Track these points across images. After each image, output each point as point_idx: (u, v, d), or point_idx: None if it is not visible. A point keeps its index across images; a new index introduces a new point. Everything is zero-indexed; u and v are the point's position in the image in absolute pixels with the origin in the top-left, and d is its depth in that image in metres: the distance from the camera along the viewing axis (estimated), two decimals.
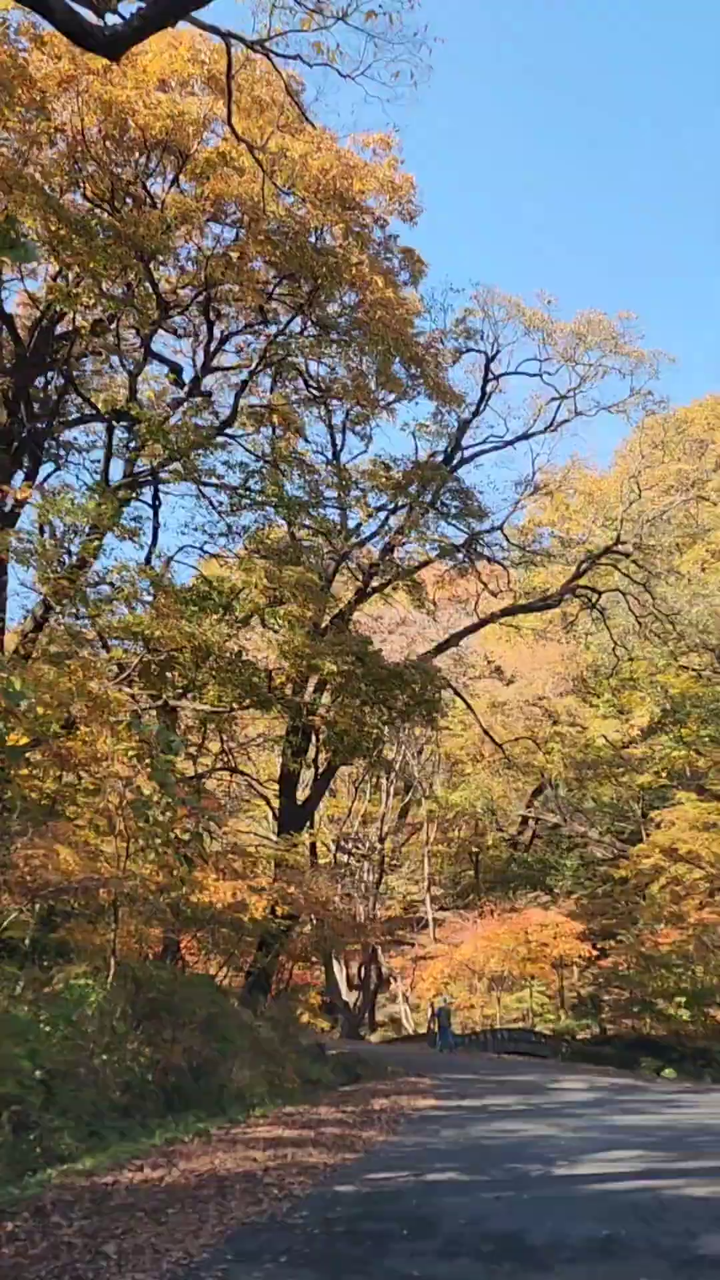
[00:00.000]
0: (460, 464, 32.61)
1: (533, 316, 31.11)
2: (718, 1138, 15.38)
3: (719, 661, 42.38)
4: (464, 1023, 51.70)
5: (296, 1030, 28.19)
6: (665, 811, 48.74)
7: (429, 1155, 13.48)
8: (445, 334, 30.59)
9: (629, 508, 35.43)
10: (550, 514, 44.89)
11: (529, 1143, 14.70)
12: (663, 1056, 42.22)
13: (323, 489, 28.63)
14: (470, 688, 46.78)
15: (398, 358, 26.08)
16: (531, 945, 45.34)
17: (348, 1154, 13.43)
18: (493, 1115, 18.45)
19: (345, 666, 22.61)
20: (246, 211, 21.09)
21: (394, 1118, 17.57)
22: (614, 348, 31.12)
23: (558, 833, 62.08)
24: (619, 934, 48.67)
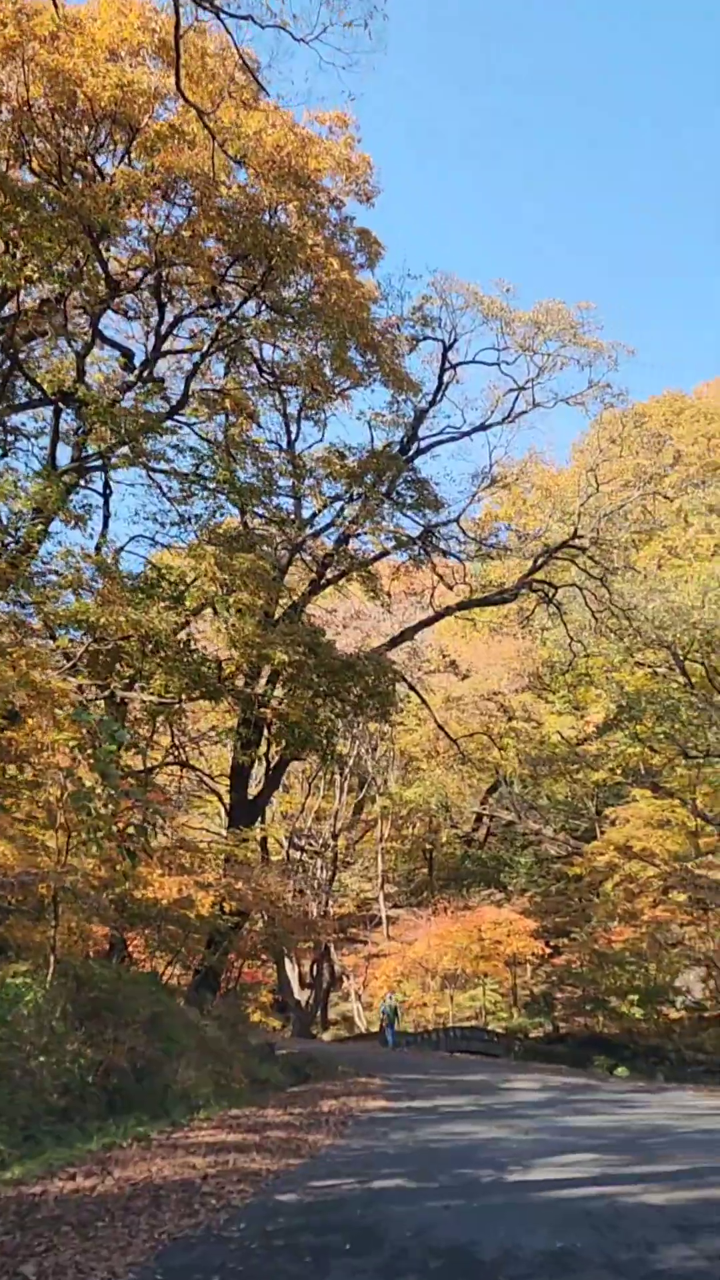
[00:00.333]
0: (416, 454, 32.14)
1: (491, 305, 30.65)
2: (672, 1139, 14.99)
3: (674, 658, 42.15)
4: (417, 1021, 51.37)
5: (245, 1029, 27.64)
6: (620, 809, 48.63)
7: (376, 1160, 12.99)
8: (402, 320, 30.10)
9: (586, 502, 35.09)
10: (507, 508, 44.69)
11: (480, 1146, 14.25)
12: (615, 1055, 42.05)
13: (276, 477, 28.08)
14: (425, 682, 46.35)
15: (353, 343, 25.56)
16: (485, 943, 45.08)
17: (292, 1159, 12.91)
18: (443, 1117, 17.99)
19: (297, 657, 22.05)
20: (198, 186, 20.46)
21: (342, 1120, 17.07)
22: (572, 337, 30.73)
23: (512, 830, 61.89)
24: (572, 932, 48.50)
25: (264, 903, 24.68)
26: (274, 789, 34.11)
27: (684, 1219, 9.32)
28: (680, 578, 40.99)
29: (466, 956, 45.73)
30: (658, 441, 39.57)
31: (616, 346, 31.46)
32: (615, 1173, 11.90)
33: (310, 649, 22.85)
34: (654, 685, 43.85)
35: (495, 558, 36.86)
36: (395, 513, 30.26)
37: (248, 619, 21.70)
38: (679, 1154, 13.36)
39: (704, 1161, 12.84)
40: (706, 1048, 42.70)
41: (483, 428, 33.23)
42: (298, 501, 29.82)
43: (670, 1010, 47.19)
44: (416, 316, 30.46)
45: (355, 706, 25.73)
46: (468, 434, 33.07)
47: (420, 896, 59.36)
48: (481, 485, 33.98)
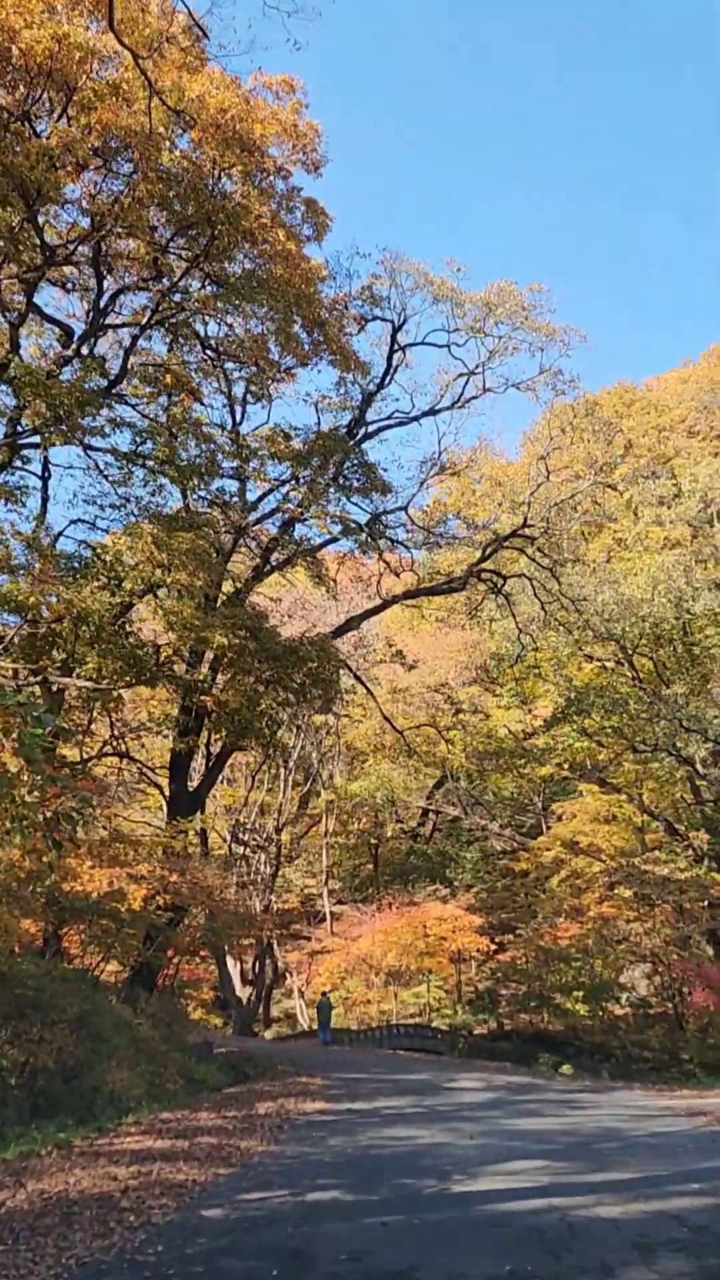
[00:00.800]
0: (364, 438, 31.30)
1: (441, 286, 29.86)
2: (623, 1144, 14.30)
3: (623, 652, 41.75)
4: (360, 1018, 50.65)
5: (182, 1028, 26.71)
6: (567, 804, 48.21)
7: (312, 1169, 12.19)
8: (350, 298, 29.21)
9: (536, 490, 34.47)
10: (456, 499, 44.07)
11: (422, 1152, 13.50)
12: (560, 1052, 41.56)
13: (220, 459, 27.10)
14: (371, 674, 45.57)
15: (299, 318, 24.67)
16: (430, 939, 44.48)
17: (222, 1169, 12.09)
18: (385, 1120, 17.22)
19: (237, 641, 21.18)
20: (138, 147, 19.48)
21: (278, 1124, 16.25)
22: (524, 320, 30.01)
23: (458, 826, 61.38)
24: (518, 928, 47.97)
25: (199, 895, 23.77)
26: (215, 780, 33.15)
27: (642, 1236, 8.61)
28: (630, 571, 40.56)
29: (411, 953, 45.09)
30: (609, 430, 39.08)
31: (569, 331, 30.86)
32: (566, 1182, 11.19)
33: (252, 633, 21.98)
34: (603, 679, 43.43)
35: (444, 546, 36.10)
36: (342, 498, 29.44)
37: (186, 601, 20.82)
38: (632, 1160, 12.68)
39: (659, 1168, 12.17)
40: (652, 1045, 42.34)
41: (432, 412, 32.47)
42: (242, 484, 28.91)
43: (615, 1007, 46.80)
44: (365, 295, 29.62)
45: (298, 694, 24.86)
46: (417, 418, 32.29)
47: (365, 892, 58.64)
48: (430, 472, 33.21)
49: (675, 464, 42.37)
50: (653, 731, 39.41)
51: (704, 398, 48.72)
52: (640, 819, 48.89)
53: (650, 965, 47.54)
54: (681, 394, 51.24)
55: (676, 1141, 14.61)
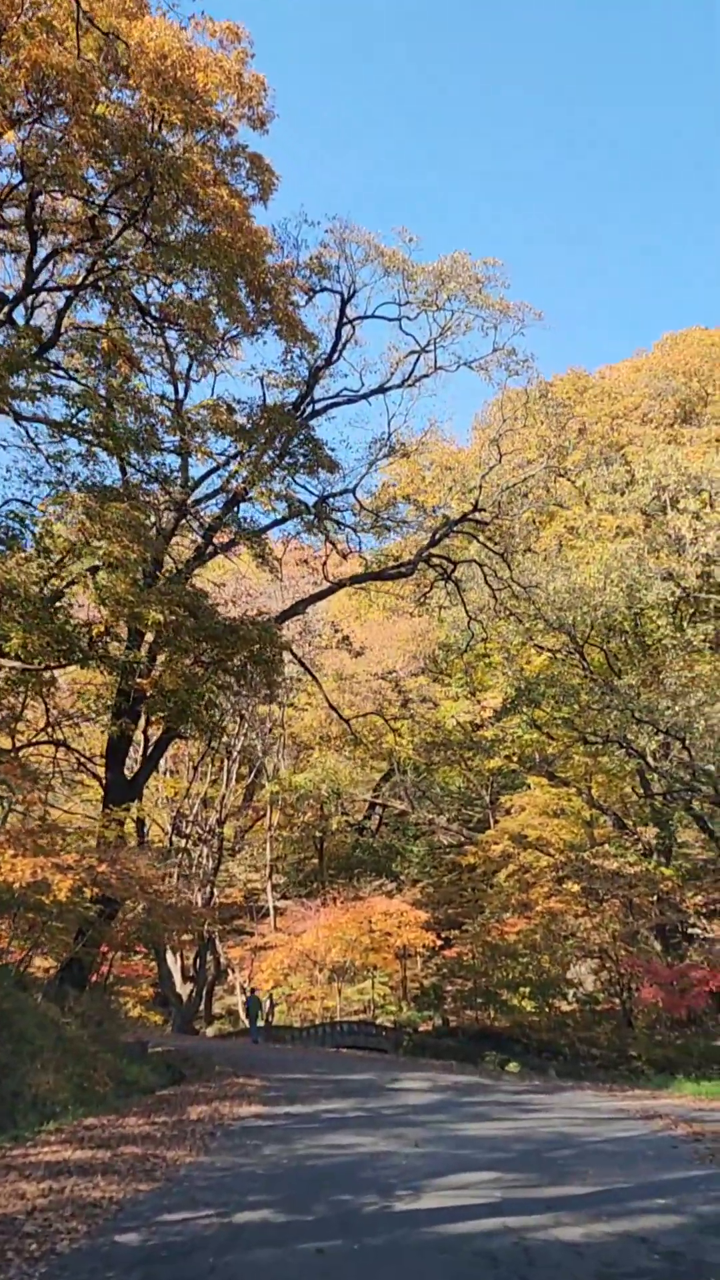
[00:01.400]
0: (312, 415, 30.17)
1: (392, 257, 28.78)
2: (579, 1152, 13.34)
3: (574, 643, 40.98)
4: (304, 1015, 49.69)
5: (114, 1026, 25.48)
6: (515, 797, 47.47)
7: (242, 1183, 11.11)
8: (298, 266, 28.00)
9: (488, 474, 33.53)
10: (405, 485, 43.03)
11: (364, 1163, 12.45)
12: (506, 1050, 40.77)
13: (161, 433, 25.90)
14: (317, 660, 44.54)
15: (244, 284, 23.51)
16: (375, 935, 43.59)
17: (144, 1184, 10.98)
18: (324, 1125, 16.15)
19: (174, 618, 20.01)
20: (70, 88, 18.23)
21: (210, 1130, 15.13)
22: (477, 293, 28.98)
23: (405, 820, 60.55)
24: (464, 923, 47.23)
25: (134, 888, 22.55)
26: (153, 768, 31.90)
27: (608, 1265, 7.64)
28: (582, 559, 39.78)
29: (356, 948, 44.14)
30: (563, 414, 38.25)
31: (523, 308, 29.90)
32: (521, 1197, 10.20)
33: (190, 611, 20.82)
34: (554, 669, 42.66)
35: (392, 529, 35.05)
36: (288, 477, 28.29)
37: (120, 575, 19.62)
38: (590, 1171, 11.71)
39: (619, 1180, 11.22)
40: (600, 1043, 41.66)
41: (381, 390, 31.40)
42: (184, 460, 27.64)
43: (562, 1003, 46.18)
44: (314, 265, 28.43)
45: (238, 676, 23.72)
46: (366, 396, 31.23)
47: (310, 887, 57.61)
48: (379, 453, 32.18)
49: (628, 451, 41.65)
50: (604, 723, 38.64)
51: (657, 384, 48.13)
52: (589, 813, 48.28)
53: (598, 961, 46.96)
54: (634, 382, 50.64)
55: (635, 1148, 13.67)
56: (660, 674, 39.47)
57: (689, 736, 35.61)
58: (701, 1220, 9.21)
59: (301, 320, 26.97)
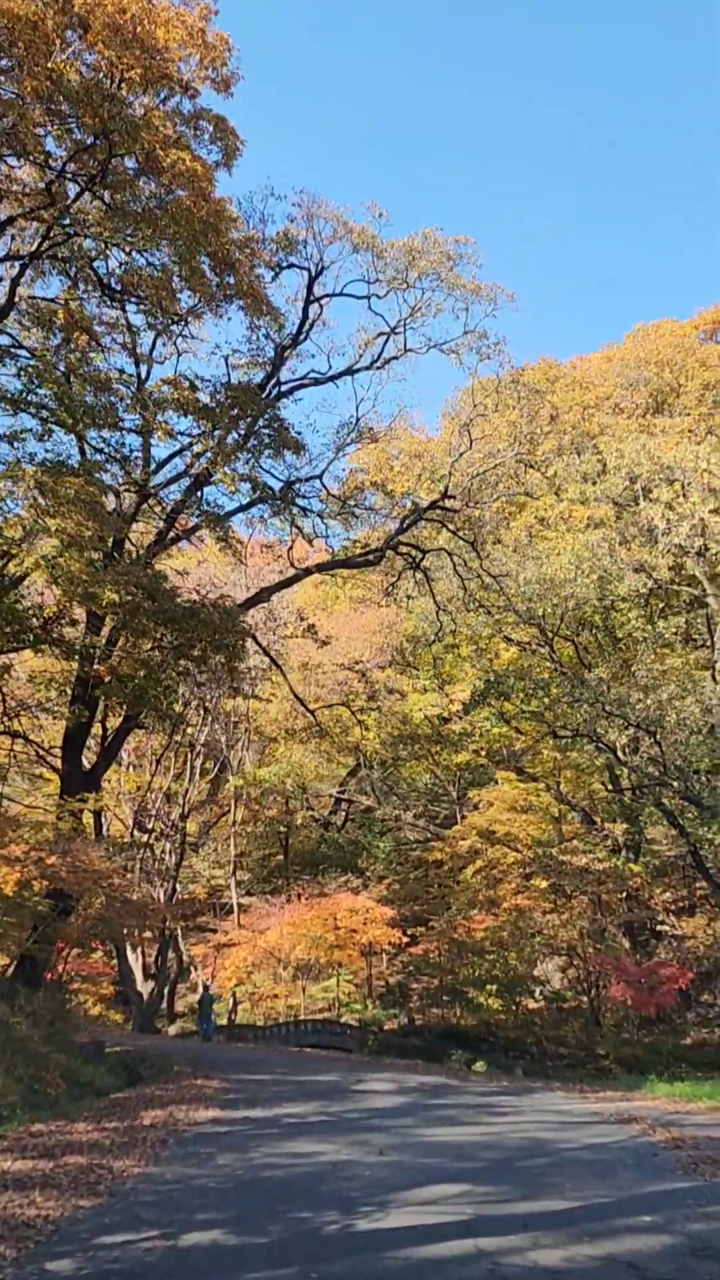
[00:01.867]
0: (278, 397, 29.27)
1: (361, 234, 27.88)
2: (554, 1160, 12.57)
3: (543, 635, 40.35)
4: (267, 1014, 48.85)
5: (68, 1026, 24.53)
6: (484, 792, 46.82)
7: (193, 1198, 10.26)
8: (263, 240, 27.01)
9: (458, 460, 32.77)
10: (374, 474, 42.20)
11: (325, 1174, 11.63)
12: (473, 1049, 40.14)
13: (122, 412, 24.94)
14: (283, 649, 43.63)
15: (207, 255, 22.59)
16: (340, 932, 42.82)
17: (85, 1199, 10.12)
18: (285, 1131, 15.31)
19: (130, 598, 19.11)
20: (22, 37, 17.28)
21: (163, 1137, 14.27)
22: (448, 271, 28.09)
23: (371, 815, 59.83)
24: (431, 920, 46.52)
25: (87, 882, 21.62)
26: (112, 759, 30.92)
27: None
28: (552, 550, 39.11)
29: (320, 946, 43.36)
30: (535, 400, 37.58)
31: (495, 290, 29.07)
32: (494, 1214, 9.42)
33: (148, 593, 19.91)
34: (523, 661, 42.00)
35: (360, 516, 34.19)
36: (253, 460, 27.33)
37: (74, 553, 18.71)
38: (567, 1183, 10.94)
39: (599, 1193, 10.46)
40: (568, 1041, 41.10)
41: (350, 372, 30.52)
42: (146, 442, 26.63)
43: (530, 1001, 45.60)
44: (280, 240, 27.53)
45: (199, 661, 22.81)
46: (334, 378, 30.31)
47: (274, 883, 56.74)
48: (347, 438, 31.28)
49: (600, 442, 41.04)
50: (574, 716, 38.01)
51: (629, 374, 47.63)
52: (558, 809, 47.71)
53: (565, 959, 46.46)
54: (606, 372, 50.14)
55: (613, 1156, 12.91)
56: (631, 667, 38.93)
57: (660, 731, 35.02)
58: (692, 1241, 8.46)
59: (267, 295, 26.09)
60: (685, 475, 35.82)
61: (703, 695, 34.68)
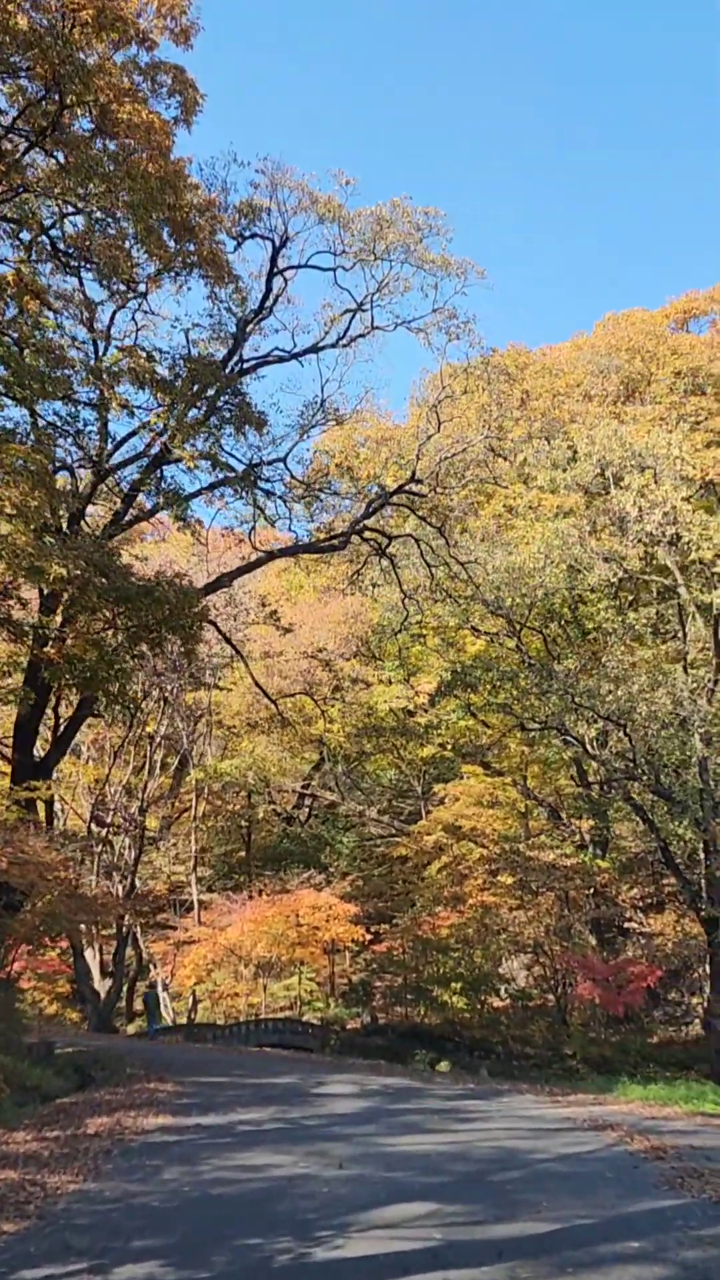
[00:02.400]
0: (240, 374, 28.20)
1: (328, 205, 26.81)
2: (528, 1174, 11.63)
3: (511, 627, 39.52)
4: (228, 1012, 47.89)
5: (16, 1026, 23.49)
6: (449, 786, 46.02)
7: (132, 1220, 9.25)
8: (225, 207, 25.84)
9: (426, 443, 31.82)
10: (339, 459, 41.22)
11: (279, 1191, 10.64)
12: (437, 1048, 39.27)
13: (76, 384, 23.80)
14: (244, 638, 42.54)
15: (166, 220, 21.49)
16: (302, 929, 41.88)
17: (10, 1222, 9.09)
18: (238, 1140, 14.29)
19: (79, 573, 18.05)
20: None
21: (108, 1147, 13.23)
22: (417, 243, 27.07)
23: (335, 811, 58.94)
24: (395, 917, 45.71)
25: (32, 875, 20.53)
26: (65, 748, 29.70)
27: None
28: (521, 539, 38.26)
29: (282, 943, 42.40)
30: (505, 381, 36.68)
31: (466, 265, 28.09)
32: (465, 1239, 8.48)
33: (100, 569, 18.84)
34: (491, 651, 41.13)
35: (324, 498, 33.18)
36: (214, 437, 26.16)
37: (19, 525, 17.64)
38: (544, 1201, 9.98)
39: (580, 1213, 9.51)
40: (535, 1041, 40.32)
41: (315, 349, 29.46)
42: (102, 415, 25.44)
43: (495, 1000, 44.85)
44: (244, 210, 26.46)
45: (152, 640, 21.71)
46: (298, 355, 29.24)
47: (236, 879, 55.73)
48: (313, 418, 30.24)
49: (570, 430, 40.24)
50: (543, 708, 37.21)
51: (600, 361, 46.89)
52: (524, 804, 47.01)
53: (531, 956, 45.77)
54: (576, 360, 49.37)
55: (591, 1169, 11.97)
56: (601, 659, 38.19)
57: (630, 724, 34.29)
58: (688, 1273, 7.53)
59: (229, 262, 24.97)
60: (657, 462, 35.06)
61: (674, 687, 33.97)
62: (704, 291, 53.82)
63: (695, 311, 54.06)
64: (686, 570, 37.55)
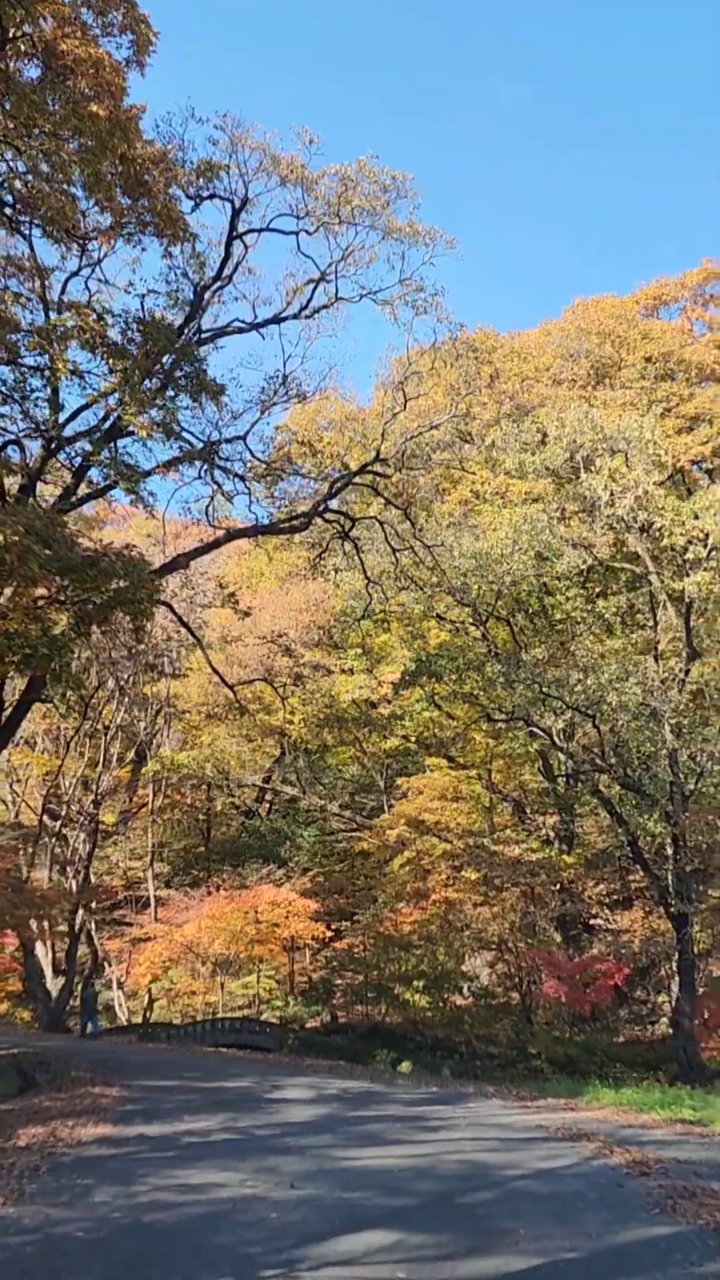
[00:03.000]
0: (199, 344, 26.89)
1: (291, 166, 25.47)
2: (501, 1194, 10.47)
3: (476, 616, 38.51)
4: (184, 1011, 46.64)
5: None
6: (413, 779, 45.01)
7: (48, 1255, 8.02)
8: (181, 162, 24.44)
9: (392, 420, 30.62)
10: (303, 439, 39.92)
11: (222, 1216, 9.41)
12: (398, 1047, 38.17)
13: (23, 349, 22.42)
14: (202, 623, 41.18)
15: (116, 170, 20.17)
16: (261, 925, 40.79)
17: None
18: (182, 1154, 13.03)
19: (17, 539, 16.74)
20: None
21: (36, 1163, 11.96)
22: (383, 208, 25.91)
23: (296, 806, 57.78)
24: (356, 914, 44.61)
25: None
26: (9, 737, 28.26)
27: None
28: (488, 525, 37.27)
29: (241, 940, 41.31)
30: (474, 356, 35.61)
31: (434, 234, 26.82)
32: (434, 1278, 7.30)
33: (42, 538, 17.54)
34: (458, 640, 40.06)
35: (287, 479, 31.90)
36: (171, 407, 24.79)
37: None
38: (521, 1228, 8.82)
39: (563, 1243, 8.35)
40: (499, 1040, 39.33)
41: (276, 320, 28.14)
42: (53, 383, 24.01)
43: (457, 998, 43.86)
44: (201, 168, 25.08)
45: (98, 616, 20.39)
46: (259, 326, 27.90)
47: (194, 874, 54.45)
48: (274, 395, 28.92)
49: (540, 414, 39.26)
50: (509, 699, 36.19)
51: (570, 345, 45.93)
52: (489, 799, 46.05)
53: (494, 953, 44.86)
54: (545, 344, 48.44)
55: (571, 1187, 10.79)
56: (570, 648, 37.27)
57: (599, 714, 33.33)
58: None
59: (185, 219, 23.58)
60: (629, 446, 34.11)
61: (645, 677, 33.04)
62: (674, 278, 53.04)
63: (666, 298, 53.25)
64: (659, 558, 36.70)
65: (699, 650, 35.59)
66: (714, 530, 31.44)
